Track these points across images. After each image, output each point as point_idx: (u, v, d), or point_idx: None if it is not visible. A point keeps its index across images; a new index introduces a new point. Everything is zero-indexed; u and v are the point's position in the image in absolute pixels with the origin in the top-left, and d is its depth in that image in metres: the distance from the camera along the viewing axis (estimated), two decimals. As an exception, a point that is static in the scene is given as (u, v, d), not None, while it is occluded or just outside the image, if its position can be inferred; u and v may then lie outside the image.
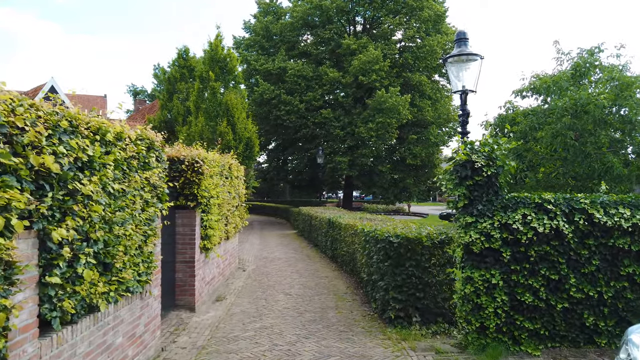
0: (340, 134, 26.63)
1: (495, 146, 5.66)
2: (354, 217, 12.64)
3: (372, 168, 27.92)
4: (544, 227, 5.29)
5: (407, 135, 28.67)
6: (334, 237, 12.52)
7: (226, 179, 9.60)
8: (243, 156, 17.49)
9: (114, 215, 4.02)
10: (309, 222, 17.99)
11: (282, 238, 20.05)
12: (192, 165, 7.36)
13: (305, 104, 26.76)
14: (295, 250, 15.64)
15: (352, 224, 9.95)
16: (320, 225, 15.07)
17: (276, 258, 13.73)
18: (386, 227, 7.61)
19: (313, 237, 16.99)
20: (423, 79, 27.90)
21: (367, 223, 9.01)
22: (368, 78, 25.72)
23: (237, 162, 11.11)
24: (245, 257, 14.00)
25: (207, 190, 7.72)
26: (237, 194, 11.02)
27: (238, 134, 17.25)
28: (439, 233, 6.57)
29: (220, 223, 8.99)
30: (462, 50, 6.77)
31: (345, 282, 9.94)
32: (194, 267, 7.51)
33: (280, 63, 27.07)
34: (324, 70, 26.87)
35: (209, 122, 17.68)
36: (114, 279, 4.05)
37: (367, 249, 7.71)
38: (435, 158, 29.16)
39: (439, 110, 29.43)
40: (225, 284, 9.83)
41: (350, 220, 11.08)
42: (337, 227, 11.98)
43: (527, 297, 5.34)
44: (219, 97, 17.78)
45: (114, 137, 4.05)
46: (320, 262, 12.94)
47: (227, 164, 9.62)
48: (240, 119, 17.53)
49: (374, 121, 25.66)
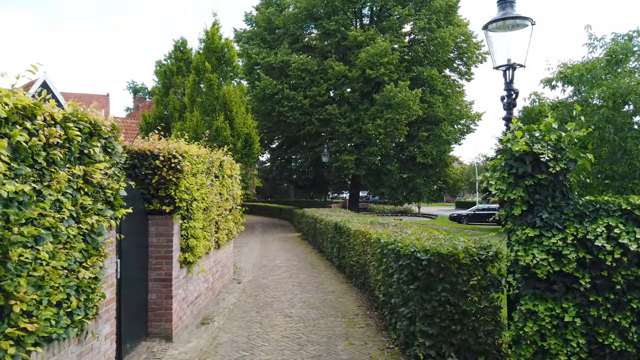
0: (347, 131, 25.19)
1: (563, 133, 4.22)
2: (364, 221, 11.21)
3: (380, 167, 26.44)
4: (637, 244, 3.82)
5: (417, 132, 27.17)
6: (341, 244, 11.09)
7: (216, 178, 8.19)
8: (242, 154, 16.10)
9: (15, 231, 2.61)
10: (313, 225, 16.57)
11: (284, 242, 18.65)
12: (168, 161, 5.96)
13: (309, 100, 25.33)
14: (298, 257, 14.22)
15: (364, 231, 8.52)
16: (325, 229, 13.64)
17: (276, 266, 12.32)
18: (407, 236, 6.17)
19: (318, 242, 15.57)
20: (434, 73, 26.38)
21: (382, 231, 7.57)
22: (376, 72, 24.24)
23: (230, 158, 9.71)
24: (242, 265, 12.59)
25: (189, 192, 6.32)
26: (231, 196, 9.62)
27: (236, 130, 15.84)
28: (481, 247, 5.11)
29: (208, 230, 7.58)
30: (507, 13, 5.29)
31: (356, 298, 8.50)
32: (172, 286, 6.10)
33: (283, 56, 25.64)
34: (329, 63, 25.42)
35: (204, 116, 16.30)
36: (11, 330, 2.63)
37: (385, 264, 6.27)
38: (446, 157, 27.62)
39: (451, 107, 27.92)
40: (215, 300, 8.42)
41: (360, 226, 9.65)
42: (345, 233, 10.54)
43: (611, 340, 3.89)
44: (215, 90, 16.40)
45: (9, 112, 2.64)
46: (325, 271, 11.52)
47: (217, 161, 8.22)
48: (239, 113, 16.13)
49: (382, 117, 24.20)
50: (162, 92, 22.18)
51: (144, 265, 5.98)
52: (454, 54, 29.25)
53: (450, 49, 27.03)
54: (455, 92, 29.05)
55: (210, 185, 7.62)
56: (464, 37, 28.80)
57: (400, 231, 7.56)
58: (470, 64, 29.42)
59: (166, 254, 6.09)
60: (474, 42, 29.08)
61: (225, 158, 9.13)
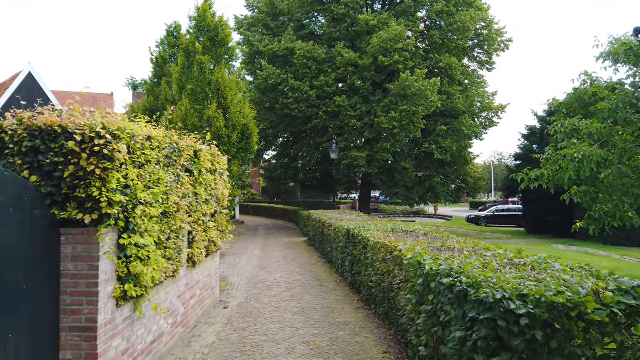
0: (357, 125, 22.92)
1: None
2: (383, 227, 8.97)
3: (394, 164, 24.11)
4: None
5: (433, 126, 24.81)
6: (355, 256, 8.85)
7: (187, 173, 5.99)
8: (237, 147, 13.91)
9: None
10: (320, 230, 14.33)
11: (288, 249, 16.43)
12: (90, 142, 3.77)
13: (316, 90, 23.08)
14: (303, 268, 12.00)
15: (389, 245, 6.26)
16: (335, 236, 11.40)
17: (275, 283, 10.10)
18: (473, 261, 3.92)
19: (325, 249, 13.33)
20: (452, 61, 23.99)
21: (413, 245, 5.34)
22: (389, 59, 21.94)
23: (213, 149, 7.52)
24: (234, 280, 10.40)
25: (129, 191, 4.12)
26: (214, 196, 7.43)
27: (231, 120, 13.66)
28: (621, 291, 2.85)
29: (171, 245, 5.38)
30: None
31: (378, 337, 6.24)
32: (98, 337, 3.90)
33: (287, 43, 23.42)
34: (337, 50, 23.16)
35: (195, 104, 14.14)
36: None
37: (430, 303, 4.02)
38: (466, 153, 25.22)
39: (471, 98, 25.55)
40: (188, 338, 6.21)
41: (380, 236, 7.40)
42: (361, 243, 8.29)
43: None
44: (207, 75, 14.24)
45: None
46: (335, 290, 9.28)
47: (187, 149, 6.02)
48: (235, 101, 13.94)
49: (397, 109, 21.90)
50: (154, 81, 20.13)
51: (52, 306, 3.79)
52: (473, 42, 26.89)
53: (471, 34, 24.65)
54: (475, 83, 26.65)
55: (175, 182, 5.42)
56: (484, 22, 26.42)
57: (445, 247, 5.30)
58: (492, 52, 27.01)
59: (88, 287, 3.89)
60: (495, 28, 26.69)
61: (204, 147, 6.94)
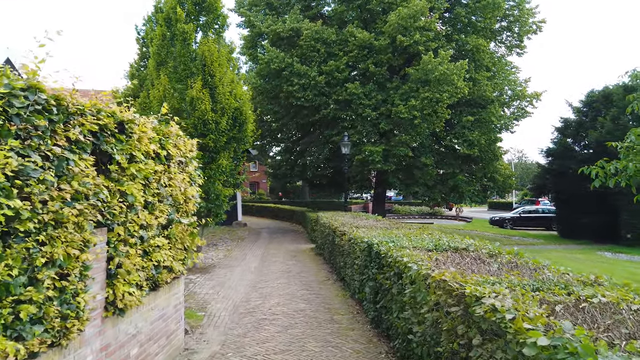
0: (372, 116, 20.14)
1: None
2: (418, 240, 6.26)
3: (413, 160, 21.28)
4: None
5: (458, 117, 21.93)
6: (382, 284, 6.11)
7: (100, 158, 3.33)
8: (228, 136, 11.25)
9: None
10: (331, 238, 11.61)
11: (292, 259, 13.75)
12: None
13: (325, 77, 20.33)
14: (308, 290, 9.31)
15: (453, 288, 3.51)
16: (350, 250, 8.65)
17: (270, 315, 7.41)
18: None
19: (337, 262, 10.63)
20: (481, 43, 21.07)
21: (539, 316, 2.62)
22: (409, 39, 19.12)
23: (174, 128, 4.89)
24: (216, 309, 7.74)
25: None
26: (167, 198, 4.77)
27: (220, 102, 11.03)
28: None
29: (36, 299, 2.70)
30: None
31: None
32: None
33: (292, 23, 20.71)
34: (349, 31, 20.37)
35: (176, 83, 11.53)
36: None
37: None
38: (495, 148, 22.30)
39: (499, 86, 22.63)
40: None
41: (422, 258, 4.68)
42: (393, 269, 5.52)
43: None
44: (191, 48, 11.66)
45: None
46: (352, 330, 6.57)
47: (92, 113, 3.36)
48: (225, 80, 11.31)
49: (418, 97, 19.08)
50: (139, 64, 17.57)
51: None
52: (501, 24, 23.96)
53: (502, 13, 21.74)
54: (503, 70, 23.69)
55: (59, 175, 2.75)
56: (514, 1, 23.49)
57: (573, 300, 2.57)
58: (523, 35, 24.04)
59: None
60: (527, 7, 23.73)
61: (142, 120, 4.28)
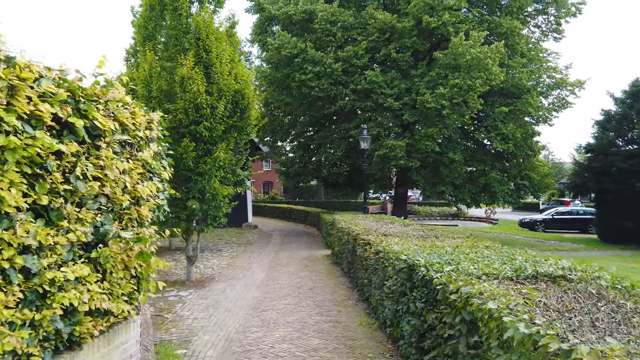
0: (394, 106, 18.06)
1: None
2: (484, 262, 4.24)
3: (440, 156, 19.12)
4: None
5: (490, 109, 19.70)
6: (438, 329, 4.08)
7: None
8: (227, 125, 9.34)
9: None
10: (351, 247, 9.58)
11: (304, 269, 11.78)
12: None
13: (342, 64, 18.32)
14: (324, 315, 7.32)
15: None
16: (379, 266, 6.61)
17: (273, 359, 5.45)
18: None
19: (358, 277, 8.62)
20: (516, 25, 18.83)
21: None
22: (437, 19, 17.01)
23: (118, 89, 2.93)
24: (200, 344, 5.80)
25: None
26: (100, 198, 2.82)
27: (216, 83, 9.15)
28: None
29: None
30: None
31: None
32: None
33: (306, 5, 18.76)
34: (369, 13, 18.34)
35: (165, 62, 9.69)
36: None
37: None
38: (532, 142, 19.98)
39: (536, 73, 20.33)
40: None
41: (500, 293, 2.64)
42: (460, 313, 3.45)
43: None
44: (185, 20, 9.84)
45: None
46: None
47: None
48: (223, 57, 9.44)
49: (447, 84, 16.95)
50: (135, 49, 15.79)
51: None
52: (536, 6, 21.63)
53: (539, -8, 19.47)
54: (538, 56, 21.35)
55: None
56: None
57: None
58: (561, 18, 21.68)
59: None
60: (565, -14, 21.37)
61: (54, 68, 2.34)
